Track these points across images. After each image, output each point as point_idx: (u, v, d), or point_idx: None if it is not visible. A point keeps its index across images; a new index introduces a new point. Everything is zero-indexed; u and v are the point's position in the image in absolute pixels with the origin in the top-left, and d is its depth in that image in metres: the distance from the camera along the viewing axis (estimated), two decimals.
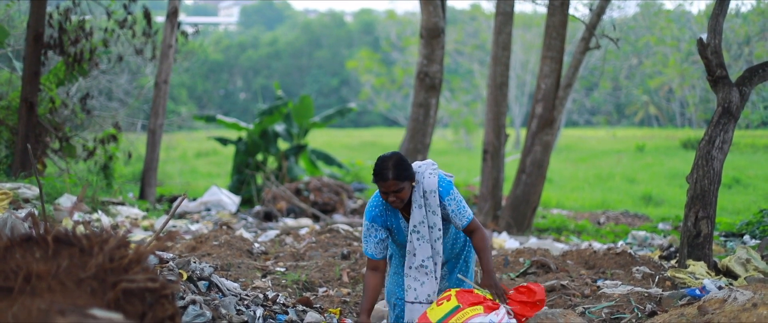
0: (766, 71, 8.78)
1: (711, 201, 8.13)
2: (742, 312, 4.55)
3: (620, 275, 7.59)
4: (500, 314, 4.58)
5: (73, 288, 2.67)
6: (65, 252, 2.75)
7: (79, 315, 2.48)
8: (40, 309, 2.49)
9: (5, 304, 2.51)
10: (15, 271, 2.63)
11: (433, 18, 12.45)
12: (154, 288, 2.80)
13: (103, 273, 2.74)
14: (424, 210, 4.89)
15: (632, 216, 18.56)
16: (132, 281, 2.73)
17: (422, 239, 4.93)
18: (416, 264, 4.98)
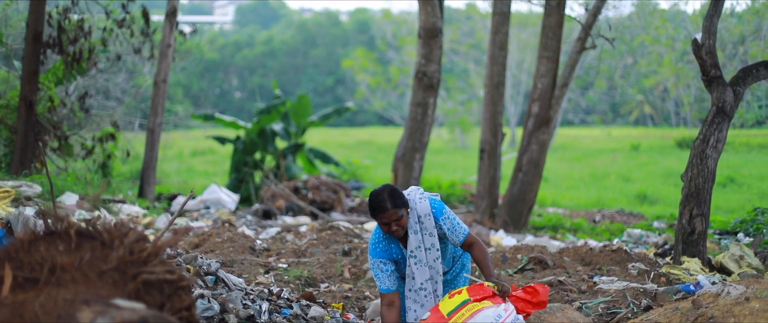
0: (759, 71, 8.91)
1: (705, 199, 8.27)
2: (735, 305, 4.69)
3: (616, 271, 7.71)
4: (509, 309, 4.70)
5: (96, 280, 2.79)
6: (87, 245, 2.88)
7: (103, 305, 2.60)
8: (65, 299, 2.61)
9: (32, 295, 2.63)
10: (40, 263, 2.75)
11: (431, 18, 12.57)
12: (171, 280, 2.93)
13: (124, 266, 2.86)
14: (420, 235, 5.05)
15: (627, 214, 18.68)
16: (151, 273, 2.86)
17: (420, 263, 5.08)
18: (415, 288, 5.11)
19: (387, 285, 5.12)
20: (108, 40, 15.82)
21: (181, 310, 2.98)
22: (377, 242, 5.18)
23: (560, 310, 5.62)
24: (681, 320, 4.90)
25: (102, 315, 2.53)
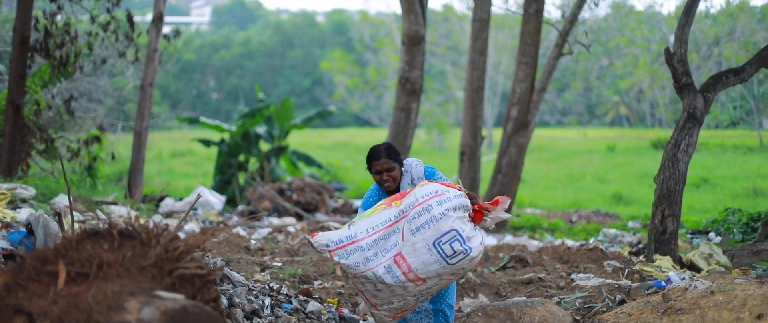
0: (729, 78, 9.35)
1: (676, 201, 8.70)
2: (701, 298, 5.12)
3: (592, 269, 8.13)
4: (458, 194, 5.00)
5: (137, 274, 3.17)
6: (128, 244, 3.25)
7: (147, 296, 2.98)
8: (113, 291, 2.99)
9: (84, 288, 3.00)
10: (89, 260, 3.13)
11: (414, 26, 12.89)
12: (202, 275, 3.31)
13: (161, 262, 3.24)
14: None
15: (603, 214, 19.06)
16: (186, 268, 3.24)
17: None
18: None
19: None
20: (93, 43, 15.96)
21: (210, 301, 3.36)
22: (370, 196, 5.46)
23: (541, 304, 6.02)
24: (652, 312, 5.32)
25: (147, 305, 2.91)
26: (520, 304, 6.02)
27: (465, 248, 4.82)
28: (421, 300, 5.04)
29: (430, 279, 4.88)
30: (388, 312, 5.05)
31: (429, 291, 4.97)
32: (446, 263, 4.85)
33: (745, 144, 43.00)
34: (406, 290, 4.90)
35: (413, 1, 12.86)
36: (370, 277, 4.93)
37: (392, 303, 5.00)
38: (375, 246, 4.98)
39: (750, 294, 4.98)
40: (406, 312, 5.11)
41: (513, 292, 7.32)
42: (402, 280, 4.86)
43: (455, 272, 4.89)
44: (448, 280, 4.98)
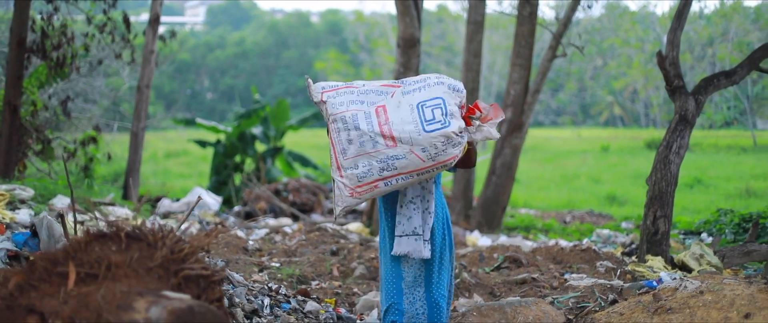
0: (720, 81, 9.46)
1: (668, 202, 8.82)
2: (691, 298, 5.25)
3: (585, 269, 8.25)
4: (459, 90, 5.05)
5: (144, 275, 3.28)
6: (135, 245, 3.37)
7: (155, 296, 3.09)
8: (122, 291, 3.10)
9: (93, 288, 3.12)
10: (98, 261, 3.24)
11: (410, 29, 13.01)
12: (207, 275, 3.43)
13: (167, 263, 3.36)
14: None
15: (597, 215, 19.18)
16: (191, 269, 3.36)
17: None
18: (406, 202, 5.35)
19: None
20: (90, 45, 16.02)
21: (214, 301, 3.48)
22: None
23: (534, 304, 6.15)
24: (643, 311, 5.44)
25: (155, 305, 3.03)
26: (514, 304, 6.14)
27: (444, 119, 4.86)
28: (385, 175, 4.97)
29: (400, 145, 4.88)
30: (349, 181, 5.01)
31: (394, 165, 4.93)
32: (422, 128, 4.87)
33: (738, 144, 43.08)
34: (375, 147, 4.91)
35: (409, 4, 12.97)
36: (347, 121, 4.96)
37: (356, 168, 4.96)
38: (365, 95, 5.03)
39: (738, 294, 5.10)
40: (364, 189, 5.05)
41: (507, 292, 7.44)
42: (375, 131, 4.90)
43: (426, 149, 4.86)
44: (417, 167, 4.95)
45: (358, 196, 5.05)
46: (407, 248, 5.30)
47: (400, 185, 5.03)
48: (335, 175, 5.08)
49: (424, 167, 4.93)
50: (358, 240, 10.00)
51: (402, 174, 4.95)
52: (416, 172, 4.96)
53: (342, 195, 5.07)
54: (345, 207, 5.11)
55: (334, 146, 5.03)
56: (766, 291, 5.05)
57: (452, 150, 4.90)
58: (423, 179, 5.06)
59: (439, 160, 4.91)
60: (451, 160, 4.95)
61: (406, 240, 5.33)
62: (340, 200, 5.10)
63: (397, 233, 5.38)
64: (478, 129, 5.05)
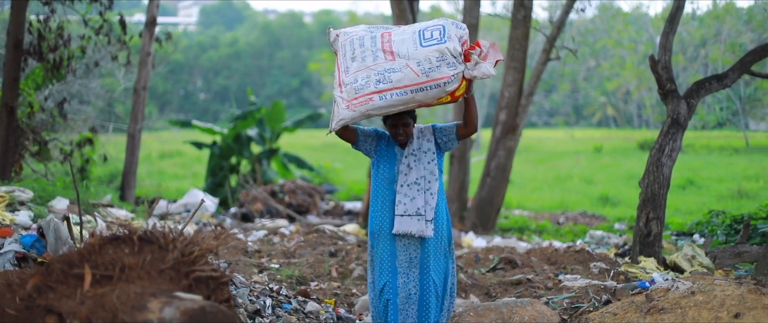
0: (712, 84, 9.62)
1: (660, 204, 8.97)
2: (682, 298, 5.39)
3: (579, 270, 8.40)
4: None
5: (157, 277, 3.41)
6: (148, 248, 3.50)
7: (167, 297, 3.22)
8: (136, 292, 3.23)
9: (108, 289, 3.24)
10: (112, 263, 3.37)
11: None
12: (216, 277, 3.56)
13: (178, 265, 3.49)
14: (421, 140, 5.67)
15: (590, 216, 19.31)
16: (202, 271, 3.49)
17: (417, 162, 5.62)
18: (409, 182, 5.61)
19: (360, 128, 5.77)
20: (86, 47, 16.06)
21: (223, 302, 3.61)
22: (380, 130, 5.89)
23: (530, 304, 6.29)
24: (635, 312, 5.59)
25: (168, 305, 3.15)
26: (510, 304, 6.28)
27: (441, 37, 5.18)
28: (381, 87, 5.21)
29: (398, 59, 5.19)
30: (346, 95, 5.27)
31: (390, 77, 5.18)
32: (419, 44, 5.20)
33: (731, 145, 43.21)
34: (375, 61, 5.23)
35: (404, 7, 13.10)
36: (354, 41, 5.35)
37: (356, 81, 5.24)
38: (375, 27, 5.48)
39: (728, 294, 5.25)
40: (360, 100, 5.26)
41: (503, 293, 7.57)
42: (377, 47, 5.25)
43: (420, 62, 5.15)
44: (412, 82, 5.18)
45: (353, 109, 5.26)
46: (409, 227, 5.52)
47: (395, 101, 5.21)
48: (336, 92, 5.36)
49: (418, 82, 5.16)
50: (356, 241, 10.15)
51: (397, 88, 5.18)
52: (411, 87, 5.17)
53: (339, 109, 5.32)
54: (340, 121, 5.32)
55: (339, 67, 5.39)
56: (755, 292, 5.19)
57: (446, 69, 5.14)
58: (417, 99, 5.22)
59: (433, 77, 5.15)
60: (444, 79, 5.15)
61: (408, 219, 5.55)
62: (336, 115, 5.34)
63: (398, 212, 5.59)
64: (476, 65, 5.24)
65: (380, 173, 5.80)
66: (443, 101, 5.40)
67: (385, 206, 5.72)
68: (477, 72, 5.26)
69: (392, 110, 5.33)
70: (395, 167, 5.71)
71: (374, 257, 5.78)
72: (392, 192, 5.70)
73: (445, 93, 5.23)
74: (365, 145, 5.77)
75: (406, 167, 5.65)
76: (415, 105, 5.32)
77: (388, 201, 5.71)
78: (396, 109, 5.31)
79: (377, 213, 5.77)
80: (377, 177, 5.81)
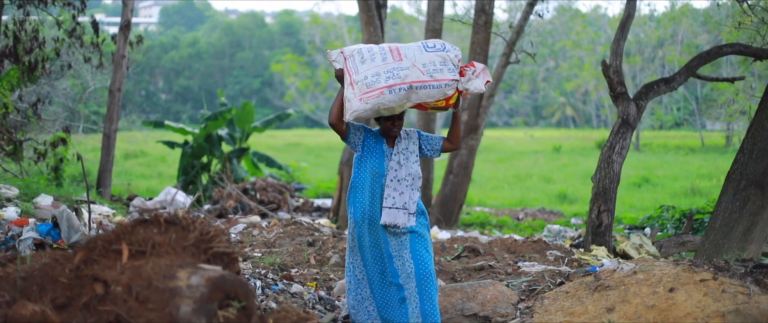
0: (660, 87, 10.39)
1: (611, 197, 9.74)
2: (626, 277, 6.13)
3: (537, 258, 9.10)
4: None
5: (181, 252, 4.07)
6: (172, 229, 4.15)
7: (193, 268, 3.88)
8: (166, 264, 3.88)
9: (143, 262, 3.89)
10: (144, 241, 4.02)
11: (374, 37, 13.75)
12: (229, 253, 4.22)
13: (198, 243, 4.15)
14: (408, 142, 6.20)
15: (548, 212, 19.99)
16: (219, 247, 4.15)
17: (406, 160, 6.11)
18: (399, 178, 6.08)
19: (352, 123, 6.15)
20: (60, 49, 16.33)
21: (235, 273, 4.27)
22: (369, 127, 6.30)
23: (492, 285, 6.99)
24: (585, 290, 6.31)
25: (194, 274, 3.82)
26: (474, 285, 6.99)
27: (445, 47, 5.93)
28: (391, 83, 5.71)
29: (405, 59, 5.81)
30: (358, 90, 5.73)
31: (399, 74, 5.74)
32: (424, 49, 5.91)
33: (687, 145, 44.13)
34: (384, 61, 5.81)
35: (372, 15, 13.73)
36: (362, 49, 5.93)
37: (366, 78, 5.74)
38: (380, 46, 6.00)
39: (666, 273, 5.99)
40: (371, 94, 5.71)
41: (467, 278, 8.20)
42: (386, 51, 5.87)
43: (426, 64, 5.80)
44: (418, 79, 5.76)
45: (365, 102, 5.70)
46: (396, 219, 6.02)
47: (402, 96, 5.74)
48: (347, 92, 5.81)
49: (423, 80, 5.76)
50: (331, 232, 10.80)
51: (405, 83, 5.73)
52: (417, 84, 5.74)
53: (351, 103, 5.75)
54: (353, 112, 5.73)
55: (349, 72, 5.83)
56: (689, 270, 5.93)
57: (448, 73, 5.82)
58: (420, 96, 5.79)
59: (436, 77, 5.79)
60: (446, 81, 5.80)
61: (395, 211, 6.05)
62: (349, 107, 5.76)
63: (386, 205, 6.08)
64: (469, 80, 5.89)
65: (366, 167, 6.21)
66: (438, 105, 6.00)
67: (374, 198, 6.13)
68: (470, 86, 5.91)
69: (397, 106, 5.83)
70: (384, 163, 6.15)
71: (356, 244, 6.25)
72: (380, 185, 6.12)
73: (443, 95, 5.85)
74: (354, 138, 6.17)
75: (397, 164, 6.12)
76: (417, 101, 5.83)
77: (376, 194, 6.13)
78: (401, 104, 5.83)
79: (363, 204, 6.19)
80: (362, 170, 6.22)
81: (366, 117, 5.86)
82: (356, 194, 6.25)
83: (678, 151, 40.75)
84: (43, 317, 3.44)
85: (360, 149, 6.24)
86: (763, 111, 8.64)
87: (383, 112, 5.89)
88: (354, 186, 6.29)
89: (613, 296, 5.92)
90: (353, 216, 6.24)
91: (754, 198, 8.52)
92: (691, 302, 5.46)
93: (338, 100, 5.97)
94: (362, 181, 6.23)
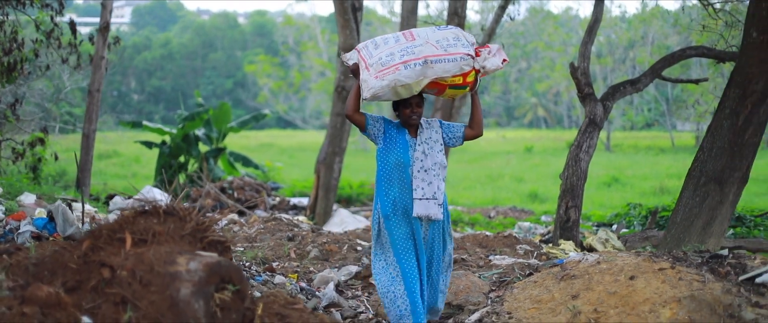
0: (626, 88, 10.81)
1: (578, 194, 10.17)
2: (590, 267, 6.54)
3: (507, 252, 9.50)
4: None
5: (179, 240, 4.42)
6: (170, 219, 4.51)
7: (191, 254, 4.23)
8: (166, 251, 4.23)
9: (144, 249, 4.24)
10: (146, 230, 4.37)
11: (350, 40, 14.12)
12: (223, 241, 4.58)
13: (194, 232, 4.51)
14: (430, 131, 6.20)
15: (519, 211, 20.38)
16: (213, 236, 4.51)
17: (431, 150, 6.09)
18: (426, 167, 6.05)
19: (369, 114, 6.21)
20: (39, 50, 16.47)
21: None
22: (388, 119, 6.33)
23: (464, 276, 7.39)
24: (552, 279, 6.71)
25: (192, 260, 4.17)
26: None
27: (455, 30, 6.04)
28: (406, 58, 5.78)
29: (418, 38, 5.91)
30: (374, 70, 5.82)
31: (412, 51, 5.80)
32: (436, 28, 6.04)
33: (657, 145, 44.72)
34: (397, 42, 5.90)
35: (349, 18, 14.08)
36: (376, 38, 6.07)
37: (381, 58, 5.83)
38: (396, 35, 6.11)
39: (627, 263, 6.40)
40: (387, 71, 5.78)
41: None
42: (399, 35, 5.99)
43: (439, 41, 5.88)
44: (432, 53, 5.80)
45: (381, 78, 5.78)
46: (428, 210, 6.03)
47: (418, 71, 5.77)
48: (363, 75, 5.91)
49: (437, 54, 5.81)
50: (310, 228, 11.16)
51: (419, 58, 5.78)
52: (431, 58, 5.79)
53: (368, 83, 5.84)
54: (370, 89, 5.82)
55: (364, 60, 5.94)
56: (649, 260, 6.35)
57: (462, 48, 5.90)
58: (436, 71, 5.81)
59: (450, 52, 5.85)
60: (461, 54, 5.86)
61: (426, 202, 6.06)
62: (366, 87, 5.87)
63: (416, 196, 6.05)
64: (486, 59, 5.97)
65: (390, 159, 6.15)
66: (456, 82, 6.00)
67: (404, 189, 6.10)
68: (487, 64, 5.96)
69: (414, 84, 5.81)
70: (408, 153, 6.11)
71: (389, 239, 6.17)
72: (407, 176, 6.09)
73: (460, 69, 5.87)
74: (374, 130, 6.18)
75: (422, 154, 6.09)
76: (433, 77, 5.83)
77: (406, 185, 6.10)
78: (417, 81, 5.81)
79: (392, 196, 6.15)
80: (386, 163, 6.17)
81: (383, 95, 5.87)
82: (383, 187, 6.22)
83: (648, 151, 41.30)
84: (58, 298, 3.77)
85: (381, 141, 6.22)
86: (722, 111, 9.05)
87: (400, 91, 5.87)
88: (380, 179, 6.25)
89: (578, 284, 6.32)
90: (381, 211, 6.21)
91: (713, 194, 8.95)
92: (649, 289, 5.87)
93: (354, 92, 6.08)
94: (389, 173, 6.19)
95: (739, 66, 9.05)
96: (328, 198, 15.13)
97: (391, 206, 6.13)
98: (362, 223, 14.10)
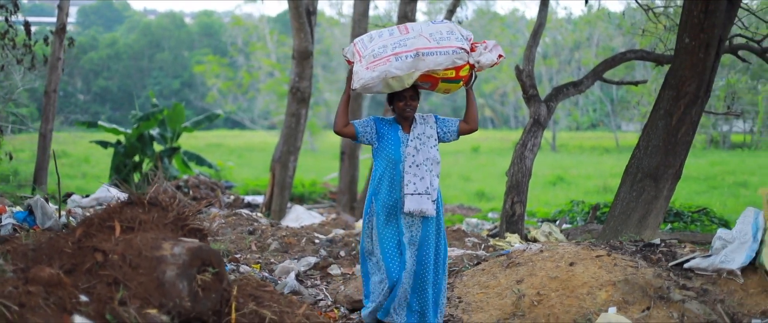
0: (569, 89, 11.41)
1: (523, 190, 10.75)
2: (533, 255, 7.10)
3: (456, 244, 10.03)
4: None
5: (163, 228, 4.88)
6: (154, 209, 4.96)
7: (174, 241, 4.69)
8: (152, 238, 4.68)
9: (132, 236, 4.68)
10: (132, 219, 4.82)
11: (304, 43, 14.54)
12: (202, 229, 5.04)
13: (176, 221, 4.96)
14: (424, 126, 6.22)
15: (467, 208, 20.91)
16: (194, 224, 4.96)
17: (423, 145, 6.12)
18: (417, 163, 6.07)
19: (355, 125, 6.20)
20: None
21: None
22: (380, 117, 6.35)
23: None
24: (498, 267, 7.25)
25: (176, 245, 4.63)
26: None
27: (449, 23, 6.10)
28: (397, 50, 5.82)
29: (412, 31, 5.95)
30: (366, 62, 5.84)
31: (405, 43, 5.83)
32: (430, 22, 6.13)
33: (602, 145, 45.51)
34: (391, 35, 5.96)
35: (303, 21, 14.51)
36: (371, 33, 6.15)
37: (374, 50, 5.87)
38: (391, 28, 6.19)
39: (568, 251, 6.97)
40: (377, 62, 5.80)
41: None
42: (393, 28, 6.07)
43: (433, 33, 5.92)
44: (424, 46, 5.81)
45: (372, 70, 5.80)
46: (420, 205, 6.05)
47: (409, 63, 5.78)
48: (355, 66, 5.94)
49: (429, 47, 5.82)
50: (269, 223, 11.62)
51: (411, 51, 5.79)
52: (423, 50, 5.80)
53: (359, 74, 5.86)
54: (360, 80, 5.83)
55: (359, 53, 5.97)
56: (587, 249, 6.92)
57: (455, 41, 5.91)
58: (428, 64, 5.82)
59: (443, 44, 5.86)
60: (454, 47, 5.87)
61: (418, 198, 6.08)
62: (357, 78, 5.88)
63: (408, 192, 6.07)
64: (481, 54, 5.96)
65: (384, 155, 6.21)
66: (448, 76, 6.01)
67: (393, 186, 6.14)
68: (483, 59, 5.95)
69: (405, 76, 5.83)
70: (400, 149, 6.13)
71: (379, 236, 6.19)
72: (398, 172, 6.12)
73: (453, 63, 5.88)
74: (365, 135, 6.20)
75: (414, 149, 6.10)
76: (425, 69, 5.83)
77: (396, 182, 6.13)
78: (409, 73, 5.83)
79: (384, 192, 6.19)
80: (380, 160, 6.23)
81: (374, 86, 5.87)
82: (378, 184, 6.26)
83: (593, 151, 42.06)
84: (59, 278, 4.21)
85: (375, 141, 6.24)
86: (657, 111, 9.61)
87: (392, 83, 5.89)
88: (373, 177, 6.31)
89: (523, 271, 6.87)
90: (376, 208, 6.27)
91: (649, 189, 9.52)
92: (587, 273, 6.45)
93: (341, 107, 6.13)
94: (383, 171, 6.24)
95: (673, 69, 9.58)
96: (284, 196, 15.54)
97: (381, 204, 6.19)
98: (318, 219, 14.49)
